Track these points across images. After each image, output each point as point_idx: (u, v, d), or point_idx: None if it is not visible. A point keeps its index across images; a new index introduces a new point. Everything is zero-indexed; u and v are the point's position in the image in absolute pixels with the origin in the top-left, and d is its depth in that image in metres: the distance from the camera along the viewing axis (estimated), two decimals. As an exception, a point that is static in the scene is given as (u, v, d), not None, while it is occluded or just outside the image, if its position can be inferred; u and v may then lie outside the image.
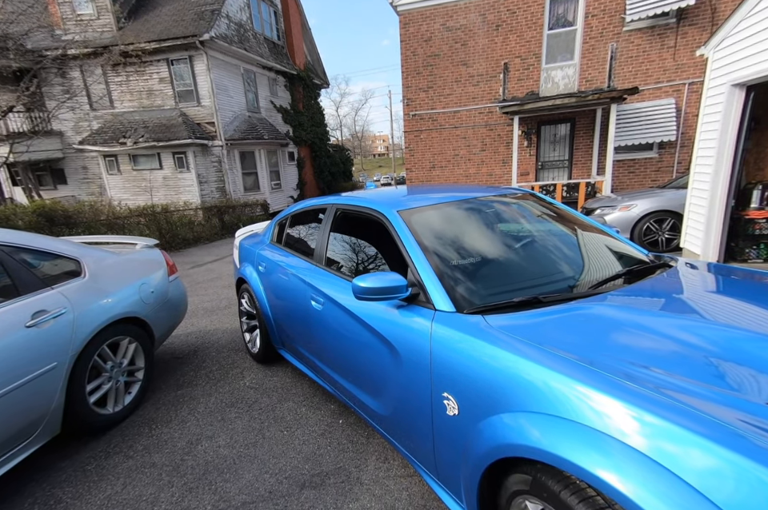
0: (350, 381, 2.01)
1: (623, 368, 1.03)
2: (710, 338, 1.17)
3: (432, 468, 1.51)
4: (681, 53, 8.07)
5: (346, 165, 20.09)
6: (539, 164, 9.65)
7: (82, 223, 7.69)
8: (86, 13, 11.74)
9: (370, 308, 1.76)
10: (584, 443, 0.93)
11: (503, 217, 2.12)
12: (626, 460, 0.86)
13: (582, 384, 1.00)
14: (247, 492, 1.85)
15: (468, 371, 1.27)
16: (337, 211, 2.36)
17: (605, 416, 0.93)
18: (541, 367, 1.09)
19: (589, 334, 1.24)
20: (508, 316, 1.39)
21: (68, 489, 1.93)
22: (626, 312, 1.37)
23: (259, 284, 2.91)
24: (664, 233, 5.64)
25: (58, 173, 13.00)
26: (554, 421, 1.00)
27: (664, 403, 0.90)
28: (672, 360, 1.07)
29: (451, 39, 9.57)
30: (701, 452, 0.80)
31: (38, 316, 1.96)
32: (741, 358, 1.07)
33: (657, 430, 0.86)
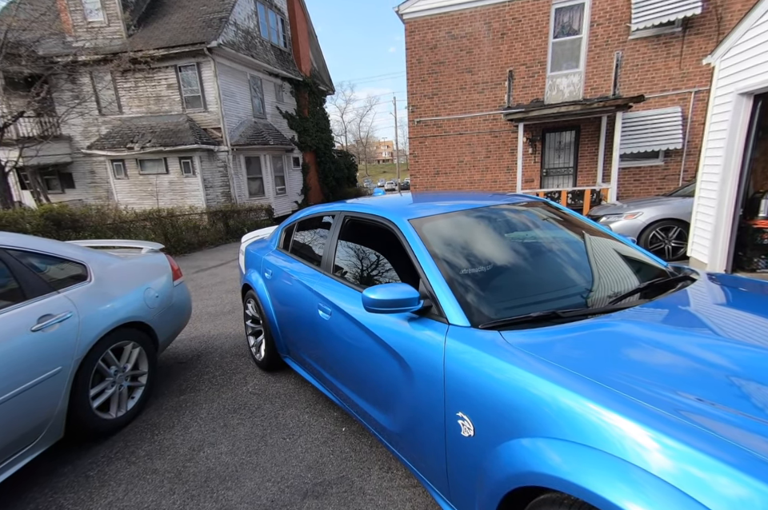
0: (358, 394, 1.95)
1: (652, 394, 0.97)
2: (740, 360, 1.11)
3: (444, 490, 1.44)
4: (687, 61, 8.09)
5: (350, 170, 20.19)
6: (544, 171, 9.65)
7: (89, 227, 7.75)
8: (97, 20, 11.97)
9: (379, 319, 1.70)
10: (610, 473, 0.86)
11: (516, 226, 2.03)
12: (653, 491, 0.81)
13: (610, 410, 0.93)
14: (249, 500, 1.83)
15: (485, 390, 1.20)
16: (345, 218, 2.31)
17: (635, 445, 0.87)
18: (565, 390, 1.02)
19: (614, 355, 1.16)
20: (526, 333, 1.31)
21: (69, 495, 1.92)
22: (652, 331, 1.28)
23: (265, 291, 2.87)
24: (670, 241, 5.60)
25: (66, 177, 13.16)
26: (578, 449, 0.93)
27: (693, 430, 0.85)
28: (702, 384, 1.01)
29: (456, 47, 9.65)
30: (728, 481, 0.76)
31: (43, 321, 1.97)
32: (759, 376, 1.02)
33: (685, 458, 0.82)
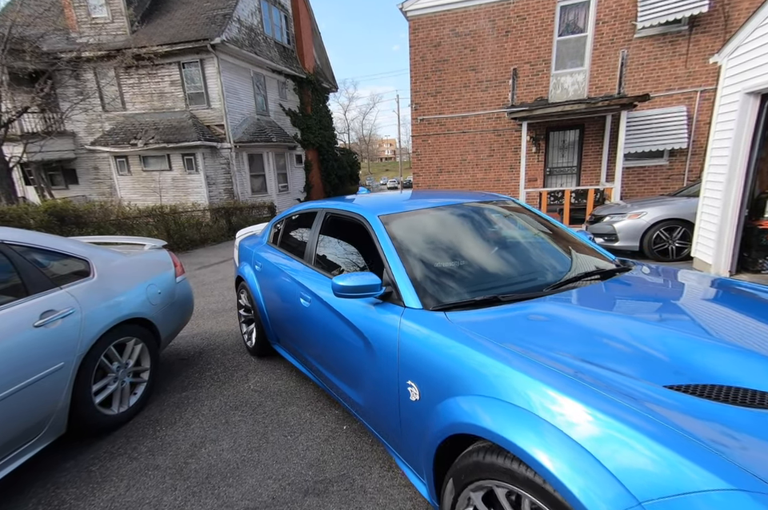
0: (334, 374, 2.16)
1: (553, 359, 1.17)
2: (630, 332, 1.31)
3: (399, 449, 1.68)
4: (693, 60, 8.02)
5: (353, 168, 20.16)
6: (547, 170, 9.61)
7: (92, 223, 7.77)
8: (101, 16, 11.96)
9: (350, 305, 1.90)
10: (519, 422, 1.05)
11: (477, 223, 2.21)
12: (548, 435, 0.99)
13: (518, 372, 1.14)
14: (250, 497, 1.83)
15: (428, 360, 1.41)
16: (326, 215, 2.49)
17: (537, 398, 1.06)
18: (487, 357, 1.23)
19: (531, 329, 1.39)
20: (468, 313, 1.53)
21: (71, 490, 1.93)
22: (568, 310, 1.51)
23: (255, 282, 3.07)
24: (674, 241, 5.57)
25: (69, 173, 13.19)
26: (496, 403, 1.13)
27: (579, 386, 1.03)
28: (600, 354, 1.21)
29: (460, 44, 9.60)
30: (600, 424, 0.92)
31: (46, 316, 1.97)
32: (657, 351, 1.20)
33: (571, 407, 0.99)
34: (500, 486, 1.12)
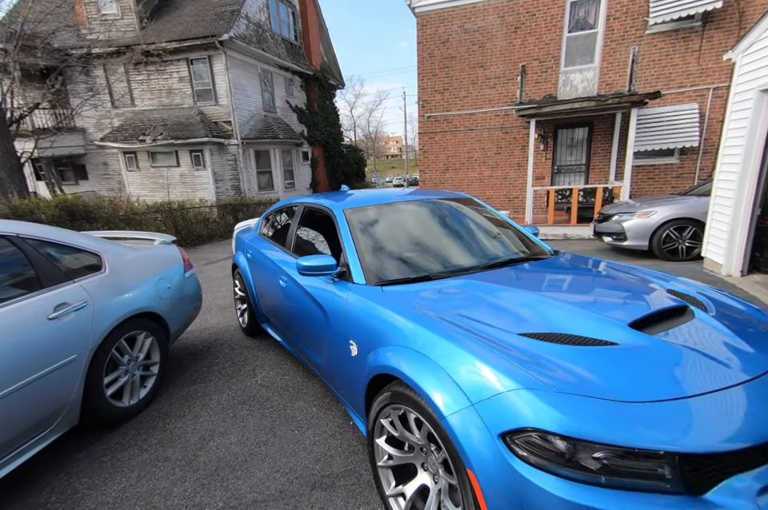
0: (303, 342, 2.56)
1: (451, 318, 1.55)
2: (514, 299, 1.69)
3: (346, 397, 2.07)
4: (706, 57, 7.89)
5: (359, 165, 20.15)
6: (555, 168, 9.53)
7: (102, 218, 7.85)
8: (111, 13, 12.03)
9: (314, 282, 2.29)
10: (412, 360, 1.43)
11: (427, 216, 2.56)
12: (428, 367, 1.36)
13: (419, 326, 1.52)
14: (258, 490, 1.85)
15: (364, 322, 1.79)
16: (305, 208, 2.90)
17: (426, 343, 1.44)
18: (401, 318, 1.62)
19: (443, 298, 1.77)
20: (399, 287, 1.91)
21: (84, 480, 1.97)
22: (475, 285, 1.87)
23: (247, 268, 3.46)
24: (684, 241, 5.50)
25: (79, 169, 13.32)
26: (405, 351, 1.50)
27: (458, 335, 1.41)
28: (483, 313, 1.59)
29: (468, 41, 9.52)
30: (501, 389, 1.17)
31: (60, 309, 2.00)
32: (525, 310, 1.59)
33: (445, 347, 1.38)
34: (398, 409, 1.51)
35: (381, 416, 1.61)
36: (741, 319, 1.58)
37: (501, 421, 1.13)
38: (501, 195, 10.07)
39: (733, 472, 1.01)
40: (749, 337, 1.40)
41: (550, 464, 1.04)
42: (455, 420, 1.20)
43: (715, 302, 1.70)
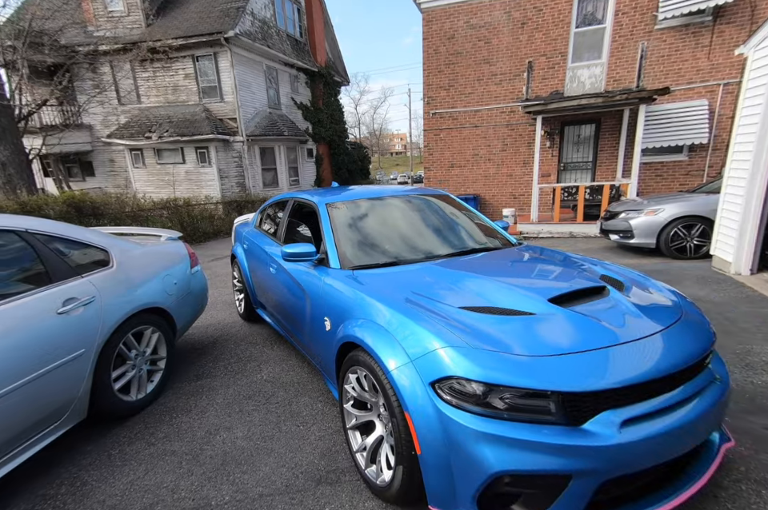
0: (289, 322, 2.83)
1: (406, 295, 1.82)
2: (463, 281, 1.96)
3: (323, 368, 2.35)
4: (716, 52, 7.76)
5: (363, 162, 20.11)
6: (561, 165, 9.45)
7: (109, 214, 7.92)
8: (117, 10, 12.06)
9: (298, 268, 2.58)
10: (378, 336, 1.66)
11: (401, 210, 2.83)
12: (381, 335, 1.65)
13: (379, 303, 1.80)
14: (264, 484, 1.87)
15: (336, 300, 2.08)
16: (294, 203, 3.18)
17: (384, 316, 1.72)
18: (366, 296, 1.89)
19: (403, 280, 2.02)
20: (369, 271, 2.19)
21: (93, 472, 1.99)
22: (434, 270, 2.15)
23: (244, 258, 3.77)
24: (693, 239, 5.44)
25: (86, 166, 13.43)
26: (366, 322, 1.77)
27: (407, 309, 1.69)
28: (434, 291, 1.86)
29: (475, 37, 9.44)
30: (430, 348, 1.46)
31: (68, 304, 2.02)
32: (470, 288, 1.86)
33: (399, 321, 1.64)
34: (357, 372, 1.79)
35: (346, 383, 1.91)
36: (649, 296, 1.86)
37: (431, 372, 1.43)
38: (506, 192, 10.01)
39: (603, 409, 1.32)
40: (646, 310, 1.68)
41: (467, 404, 1.35)
42: (397, 373, 1.51)
43: (636, 284, 1.99)
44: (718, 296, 3.96)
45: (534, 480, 1.29)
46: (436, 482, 1.41)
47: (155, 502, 1.79)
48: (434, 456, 1.39)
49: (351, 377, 1.85)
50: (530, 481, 1.30)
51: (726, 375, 1.63)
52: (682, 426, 1.34)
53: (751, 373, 2.57)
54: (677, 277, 4.67)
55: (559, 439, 1.26)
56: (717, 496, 1.66)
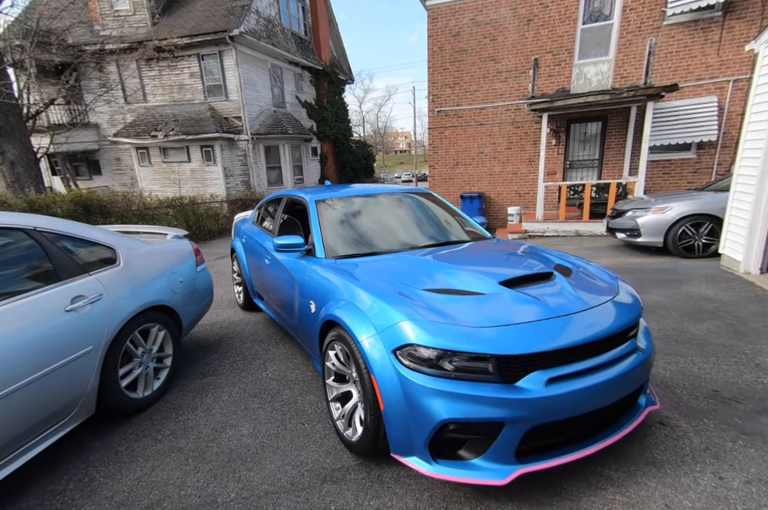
0: (282, 308, 3.07)
1: (380, 280, 2.09)
2: (430, 267, 2.27)
3: (309, 347, 2.63)
4: (726, 48, 7.64)
5: (368, 161, 20.07)
6: (567, 163, 9.37)
7: (115, 212, 7.97)
8: (123, 9, 12.11)
9: (289, 258, 2.84)
10: (353, 315, 1.93)
11: (384, 206, 3.12)
12: (356, 313, 1.91)
13: (358, 287, 2.04)
14: (270, 482, 1.87)
15: (320, 286, 2.35)
16: (288, 199, 3.47)
17: (361, 298, 1.96)
18: (346, 281, 2.15)
19: (378, 267, 2.30)
20: (350, 259, 2.48)
21: (101, 469, 2.01)
22: (408, 259, 2.43)
23: (242, 251, 4.06)
24: (701, 237, 5.38)
25: (93, 164, 13.52)
26: (346, 303, 2.02)
27: (379, 291, 1.95)
28: (404, 276, 2.12)
29: (480, 34, 9.37)
30: (393, 321, 1.74)
31: (76, 301, 2.04)
32: (435, 274, 2.14)
33: (372, 301, 1.90)
34: (335, 345, 2.07)
35: (327, 360, 2.18)
36: (590, 281, 2.11)
37: (393, 342, 1.70)
38: (511, 191, 9.95)
39: (533, 370, 1.60)
40: (583, 291, 1.95)
41: (422, 367, 1.63)
42: (366, 343, 1.78)
43: (584, 271, 2.25)
44: (727, 295, 3.92)
45: (474, 427, 1.59)
46: (396, 432, 1.70)
47: (162, 499, 1.80)
48: (395, 410, 1.68)
49: (331, 354, 2.12)
50: (471, 428, 1.59)
51: (650, 346, 1.93)
52: (598, 386, 1.63)
53: (761, 374, 2.54)
54: (685, 276, 4.62)
55: (495, 393, 1.55)
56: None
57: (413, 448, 1.67)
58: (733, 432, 2.02)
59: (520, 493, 1.72)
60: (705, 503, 1.62)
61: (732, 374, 2.56)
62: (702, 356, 2.81)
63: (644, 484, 1.73)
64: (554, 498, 1.69)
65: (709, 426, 2.08)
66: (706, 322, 3.35)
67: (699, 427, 2.08)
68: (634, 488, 1.72)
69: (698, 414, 2.18)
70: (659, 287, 4.30)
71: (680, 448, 1.94)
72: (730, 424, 2.08)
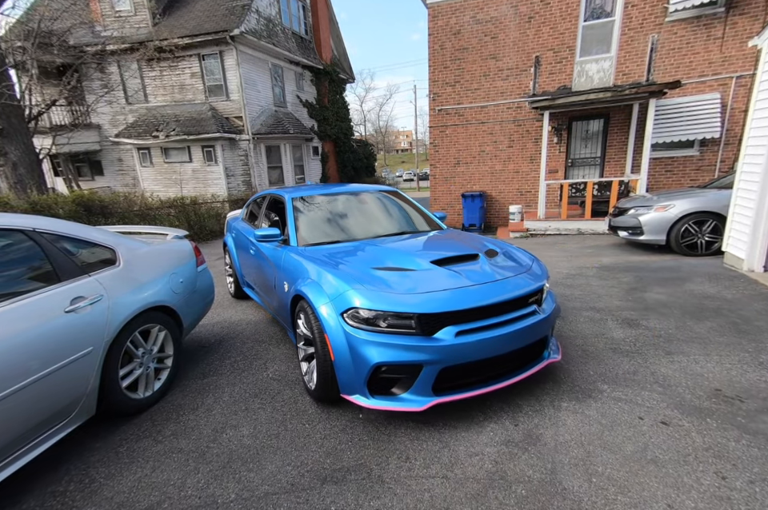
0: (264, 292, 3.55)
1: (338, 262, 2.55)
2: (381, 252, 2.71)
3: (285, 321, 3.05)
4: (729, 44, 7.58)
5: (369, 160, 20.05)
6: (569, 161, 9.33)
7: (117, 213, 7.99)
8: (124, 9, 12.12)
9: (269, 247, 3.29)
10: (309, 286, 2.40)
11: (350, 202, 3.59)
12: (316, 289, 2.35)
13: (320, 267, 2.48)
14: (270, 482, 1.87)
15: (291, 268, 2.78)
16: (270, 197, 3.96)
17: (323, 277, 2.39)
18: (312, 263, 2.58)
19: (339, 252, 2.77)
20: (316, 247, 2.95)
21: (101, 470, 2.01)
22: (364, 246, 2.87)
23: (232, 245, 4.50)
24: (704, 235, 5.34)
25: (95, 165, 13.56)
26: (312, 282, 2.43)
27: (335, 270, 2.41)
28: (357, 258, 2.62)
29: (481, 32, 9.33)
30: (342, 291, 2.21)
31: (76, 302, 2.04)
32: (382, 257, 2.60)
33: (326, 277, 2.37)
34: (301, 314, 2.51)
35: (296, 328, 2.64)
36: (509, 261, 2.63)
37: (341, 306, 2.17)
38: (513, 189, 9.92)
39: (446, 325, 2.09)
40: (499, 268, 2.47)
41: (362, 325, 2.11)
42: (321, 310, 2.25)
43: (507, 253, 2.77)
44: (730, 293, 3.89)
45: (400, 369, 2.09)
46: (343, 376, 2.19)
47: (162, 500, 1.80)
48: (342, 359, 2.15)
49: (299, 322, 2.57)
50: (399, 369, 2.10)
51: (550, 310, 2.43)
52: (497, 337, 2.12)
53: (765, 372, 2.52)
54: (687, 274, 4.59)
55: (416, 342, 2.04)
56: (729, 499, 1.63)
57: (355, 387, 2.16)
58: (736, 431, 2.01)
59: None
60: (707, 503, 1.61)
61: (735, 373, 2.53)
62: (705, 354, 2.79)
63: (646, 484, 1.72)
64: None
65: (711, 425, 2.06)
66: (708, 320, 3.33)
67: (702, 426, 2.06)
68: (636, 488, 1.71)
69: (700, 413, 2.16)
70: (662, 285, 4.28)
71: (682, 447, 1.92)
72: (733, 424, 2.06)
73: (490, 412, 2.30)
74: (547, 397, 2.41)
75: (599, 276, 4.85)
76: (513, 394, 2.45)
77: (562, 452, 1.95)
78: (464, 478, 1.83)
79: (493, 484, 1.79)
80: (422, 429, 2.19)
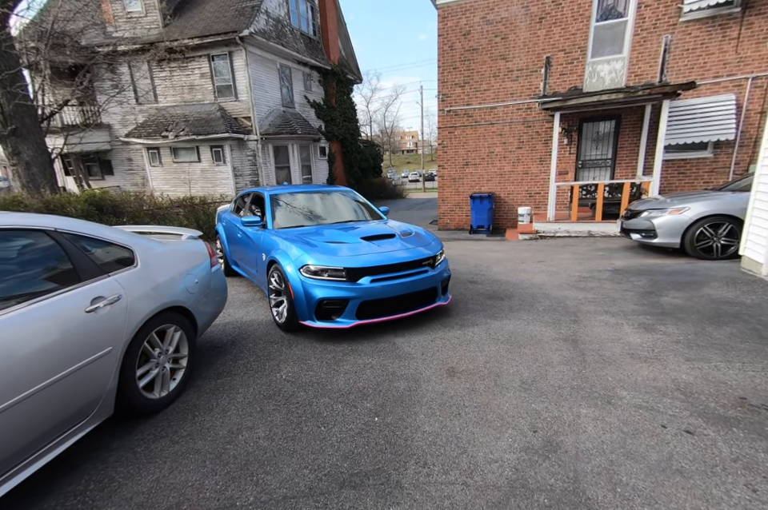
0: (247, 264, 4.70)
1: (300, 238, 3.83)
2: (333, 233, 3.99)
3: (261, 283, 4.25)
4: (745, 45, 7.47)
5: (375, 160, 20.05)
6: (579, 163, 9.25)
7: (128, 212, 8.04)
8: (136, 10, 12.23)
9: (252, 230, 4.44)
10: (281, 254, 3.69)
11: (313, 198, 4.86)
12: (285, 257, 3.63)
13: (290, 243, 3.72)
14: (288, 486, 1.86)
15: (267, 244, 4.00)
16: (253, 194, 5.10)
17: (292, 250, 3.65)
18: (282, 240, 3.83)
19: (302, 232, 4.02)
20: (286, 229, 4.16)
21: (120, 469, 2.01)
22: (322, 230, 4.11)
23: (223, 232, 5.62)
24: (720, 239, 5.26)
25: (105, 164, 13.69)
26: (281, 252, 3.70)
27: (299, 244, 3.69)
28: (315, 236, 3.90)
29: (491, 33, 9.28)
30: (300, 255, 3.54)
31: (96, 302, 2.04)
32: (333, 235, 3.94)
33: (296, 252, 3.60)
34: (274, 274, 3.77)
35: (269, 284, 3.82)
36: (417, 239, 3.94)
37: (299, 264, 3.43)
38: (522, 190, 9.85)
39: (365, 275, 3.38)
40: (407, 242, 3.79)
41: (311, 276, 3.38)
42: (287, 268, 3.48)
43: (417, 234, 4.10)
44: (749, 298, 3.82)
45: (336, 302, 3.34)
46: (300, 308, 3.42)
47: (181, 501, 1.79)
48: (299, 298, 3.39)
49: (272, 279, 3.76)
50: (335, 302, 3.34)
51: (440, 270, 3.74)
52: (398, 284, 3.43)
53: (789, 381, 2.46)
54: (704, 278, 4.52)
55: (345, 285, 3.32)
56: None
57: (308, 315, 3.41)
58: (765, 442, 1.96)
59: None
60: (737, 515, 1.57)
61: (760, 380, 2.48)
62: (727, 361, 2.74)
63: (673, 496, 1.68)
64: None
65: (738, 435, 2.02)
66: (728, 326, 3.27)
67: (728, 436, 2.02)
68: (663, 499, 1.67)
69: (726, 422, 2.12)
70: (678, 289, 4.21)
71: (709, 457, 1.88)
72: (761, 434, 2.02)
73: (508, 418, 2.28)
74: (566, 403, 2.38)
75: (612, 279, 4.79)
76: (528, 401, 2.42)
77: (583, 461, 1.91)
78: (484, 485, 1.81)
79: (514, 492, 1.76)
80: (438, 434, 2.17)
